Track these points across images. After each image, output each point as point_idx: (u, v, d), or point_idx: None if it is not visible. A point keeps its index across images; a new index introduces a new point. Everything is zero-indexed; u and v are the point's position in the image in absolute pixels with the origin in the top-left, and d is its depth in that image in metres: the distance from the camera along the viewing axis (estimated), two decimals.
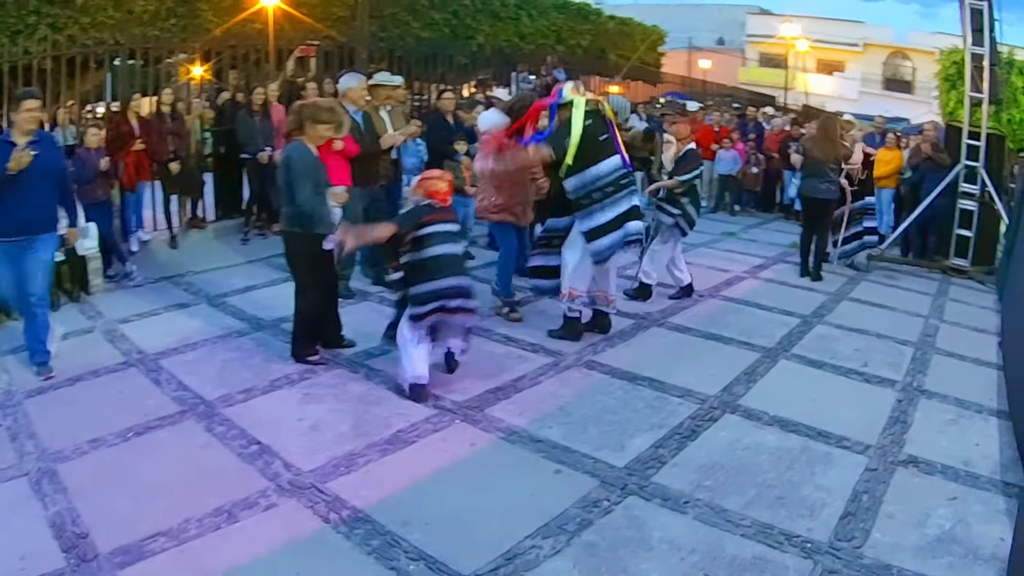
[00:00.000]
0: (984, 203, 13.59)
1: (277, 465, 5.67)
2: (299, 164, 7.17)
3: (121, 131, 11.23)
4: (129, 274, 10.31)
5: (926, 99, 23.43)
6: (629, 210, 8.00)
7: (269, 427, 6.26)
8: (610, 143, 8.05)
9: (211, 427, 6.27)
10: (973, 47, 13.35)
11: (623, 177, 8.04)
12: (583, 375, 7.63)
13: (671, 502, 5.41)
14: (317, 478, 5.51)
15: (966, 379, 8.22)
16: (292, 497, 5.27)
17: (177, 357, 7.75)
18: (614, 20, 26.49)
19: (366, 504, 5.20)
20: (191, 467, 5.62)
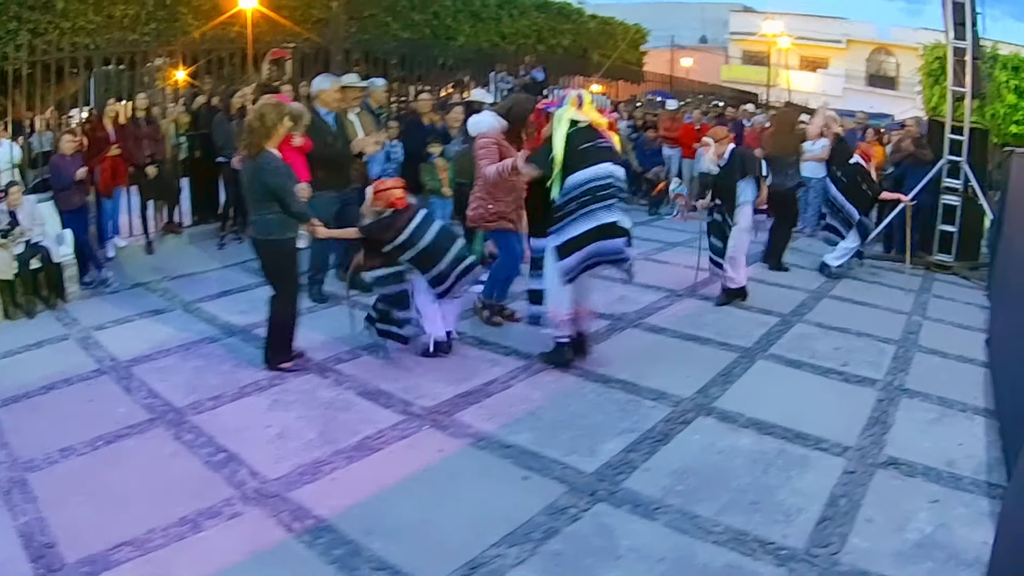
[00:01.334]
0: (968, 198, 13.51)
1: (243, 473, 5.60)
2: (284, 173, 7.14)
3: (96, 137, 11.14)
4: (105, 281, 10.24)
5: (910, 95, 23.54)
6: (604, 225, 7.21)
7: (237, 435, 6.19)
8: (593, 152, 7.43)
9: (179, 435, 6.20)
10: (955, 41, 13.32)
11: (602, 188, 7.24)
12: (555, 378, 7.48)
13: (641, 509, 5.27)
14: (282, 486, 5.43)
15: (950, 377, 8.08)
16: (257, 506, 5.20)
17: (149, 364, 7.68)
18: (596, 19, 26.52)
19: (330, 513, 5.12)
20: (158, 476, 5.56)
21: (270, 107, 7.22)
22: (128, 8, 14.02)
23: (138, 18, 14.30)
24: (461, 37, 20.62)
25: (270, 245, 7.23)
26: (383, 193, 7.41)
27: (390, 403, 6.80)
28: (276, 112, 7.16)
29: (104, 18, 13.76)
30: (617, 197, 7.28)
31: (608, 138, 7.53)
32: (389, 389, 7.06)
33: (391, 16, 19.16)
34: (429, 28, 19.99)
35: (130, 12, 14.09)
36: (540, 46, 23.04)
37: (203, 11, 15.32)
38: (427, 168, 11.00)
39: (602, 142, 7.44)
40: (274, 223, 7.12)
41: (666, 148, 18.02)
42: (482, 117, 8.69)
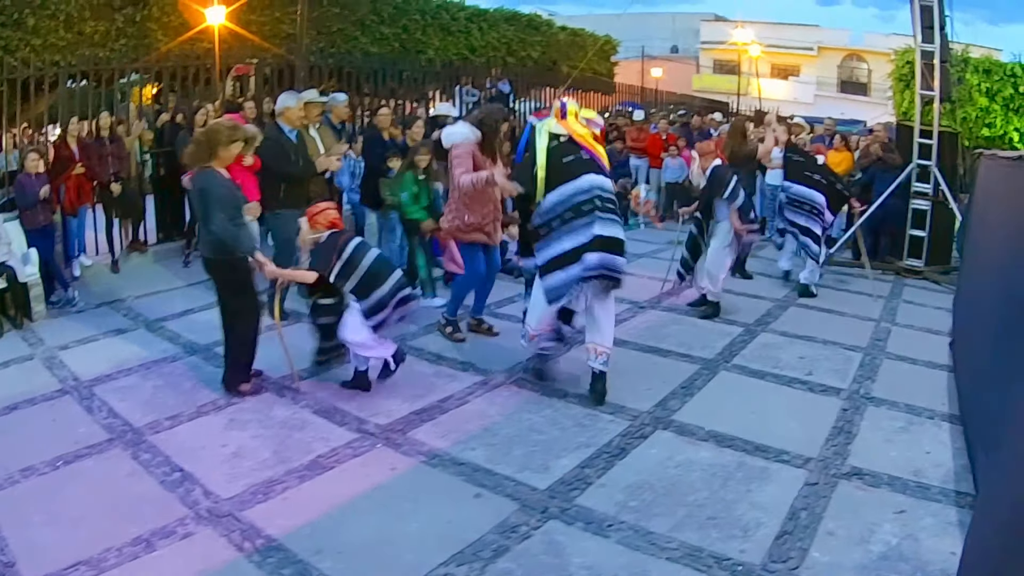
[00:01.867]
0: (938, 202, 13.48)
1: (197, 493, 5.53)
2: (217, 193, 6.92)
3: (61, 155, 11.11)
4: (71, 300, 10.16)
5: (882, 101, 23.54)
6: (592, 240, 6.83)
7: (193, 454, 6.11)
8: (577, 164, 7.09)
9: (137, 454, 6.12)
10: (923, 44, 13.37)
11: (586, 202, 6.90)
12: (512, 393, 7.38)
13: (594, 526, 5.14)
14: (235, 506, 5.35)
15: (918, 384, 8.00)
16: (209, 525, 5.13)
17: (110, 384, 7.61)
18: (565, 31, 26.46)
19: (280, 532, 5.03)
20: (115, 496, 5.49)
21: (223, 127, 7.12)
22: (98, 25, 14.03)
23: (108, 35, 14.31)
24: (430, 51, 20.52)
25: (219, 264, 7.08)
26: (320, 215, 7.25)
27: (345, 421, 6.70)
28: (228, 133, 7.03)
29: (75, 35, 13.75)
30: (605, 209, 6.97)
31: (591, 150, 7.25)
32: (344, 407, 6.96)
33: (360, 30, 19.08)
34: (398, 42, 19.89)
35: (100, 29, 14.11)
36: (510, 58, 22.98)
37: (172, 27, 15.29)
38: (387, 183, 10.89)
39: (584, 154, 7.17)
40: (219, 242, 6.95)
41: (633, 158, 18.02)
42: (456, 128, 8.51)
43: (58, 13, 13.44)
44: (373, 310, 7.06)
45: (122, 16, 14.60)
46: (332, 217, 7.28)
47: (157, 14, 15.12)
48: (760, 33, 45.62)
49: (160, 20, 15.23)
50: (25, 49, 12.94)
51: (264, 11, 16.97)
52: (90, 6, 13.92)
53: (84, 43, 13.73)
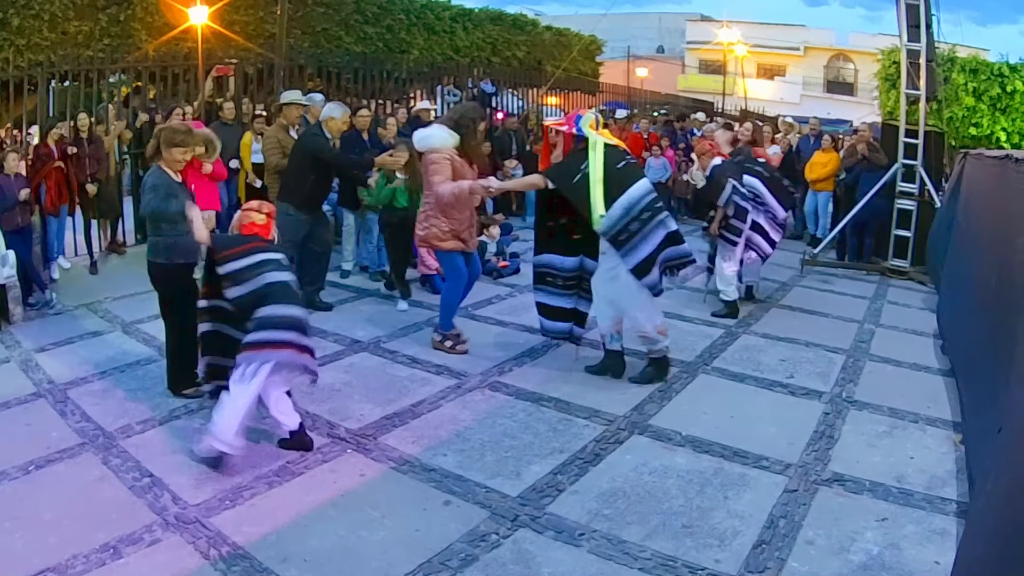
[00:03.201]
0: (923, 202, 13.41)
1: (166, 499, 5.43)
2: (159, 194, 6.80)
3: (41, 155, 11.00)
4: (49, 302, 10.07)
5: (868, 100, 23.54)
6: (668, 235, 7.27)
7: (163, 459, 6.01)
8: (630, 171, 7.35)
9: (108, 459, 6.02)
10: (909, 43, 13.32)
11: (655, 201, 7.31)
12: (486, 397, 7.24)
13: (565, 534, 5.01)
14: (202, 512, 5.25)
15: (901, 386, 7.88)
16: (176, 532, 5.03)
17: (85, 387, 7.51)
18: (551, 31, 26.39)
19: (247, 540, 4.93)
20: (85, 501, 5.40)
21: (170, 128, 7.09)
22: (82, 25, 14.07)
23: (92, 35, 14.32)
24: (415, 51, 20.41)
25: (155, 268, 7.02)
26: (244, 214, 6.46)
27: (315, 425, 6.55)
28: (169, 135, 6.97)
29: (59, 35, 13.79)
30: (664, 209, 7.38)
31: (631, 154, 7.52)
32: (316, 411, 6.83)
33: (344, 30, 18.99)
34: (382, 42, 19.79)
35: (84, 29, 14.15)
36: (495, 58, 22.89)
37: (156, 27, 15.26)
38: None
39: (631, 159, 7.47)
40: (160, 245, 6.88)
41: None
42: (431, 131, 8.20)
43: (42, 13, 13.47)
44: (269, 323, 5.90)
45: (106, 16, 14.60)
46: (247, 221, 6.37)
47: (141, 14, 15.09)
48: (746, 33, 45.61)
49: (144, 20, 15.19)
50: (9, 49, 12.93)
51: (247, 11, 16.89)
52: (74, 6, 13.94)
53: (68, 43, 13.70)
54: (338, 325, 9.22)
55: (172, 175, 6.94)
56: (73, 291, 10.77)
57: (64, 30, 13.78)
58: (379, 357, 8.21)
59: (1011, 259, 5.92)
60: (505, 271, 11.84)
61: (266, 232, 6.37)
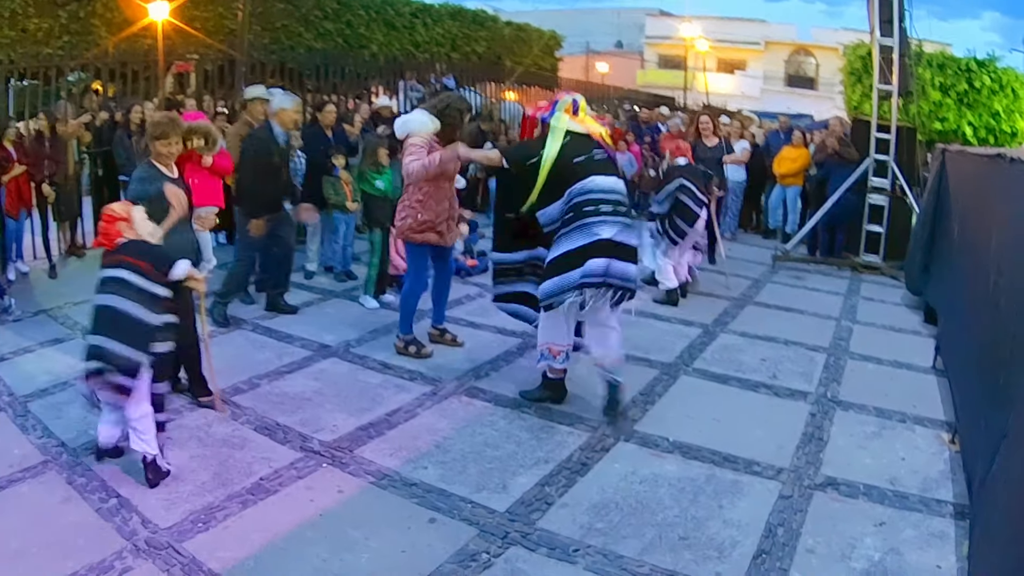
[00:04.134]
0: (895, 197, 13.39)
1: (135, 522, 5.10)
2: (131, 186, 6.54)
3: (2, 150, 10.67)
4: (7, 308, 9.63)
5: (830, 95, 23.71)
6: (595, 243, 6.40)
7: (129, 477, 5.66)
8: (589, 164, 6.64)
9: (72, 479, 5.67)
10: (882, 38, 13.33)
11: (591, 203, 6.50)
12: (463, 404, 7.01)
13: (559, 551, 4.79)
14: (174, 536, 4.94)
15: (885, 385, 7.80)
16: (148, 559, 4.70)
17: (46, 399, 7.12)
18: (510, 26, 26.43)
19: (222, 567, 4.62)
20: (50, 526, 5.07)
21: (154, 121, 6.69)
22: (42, 22, 13.99)
23: (52, 32, 14.12)
24: (374, 46, 20.34)
25: None
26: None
27: (287, 438, 6.27)
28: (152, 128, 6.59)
29: (18, 32, 13.77)
30: (617, 212, 6.56)
31: (608, 149, 6.88)
32: (287, 422, 6.54)
33: (304, 26, 18.97)
34: (342, 37, 19.78)
35: (44, 26, 14.08)
36: (454, 54, 22.89)
37: (116, 24, 15.24)
38: (330, 182, 10.59)
39: (599, 153, 6.74)
40: None
41: None
42: (412, 116, 7.87)
43: (2, 11, 13.41)
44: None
45: (66, 13, 14.59)
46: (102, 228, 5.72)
47: (101, 10, 15.09)
48: (706, 28, 45.72)
49: (104, 16, 15.22)
50: None
51: (208, 7, 16.86)
52: (34, 3, 13.99)
53: (28, 40, 13.71)
54: (305, 329, 8.92)
55: (162, 169, 6.55)
56: (32, 296, 10.40)
57: (24, 27, 13.78)
58: (349, 363, 7.95)
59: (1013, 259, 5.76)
60: (474, 270, 11.61)
61: (108, 240, 5.66)
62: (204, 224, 6.79)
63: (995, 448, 4.67)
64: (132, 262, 5.51)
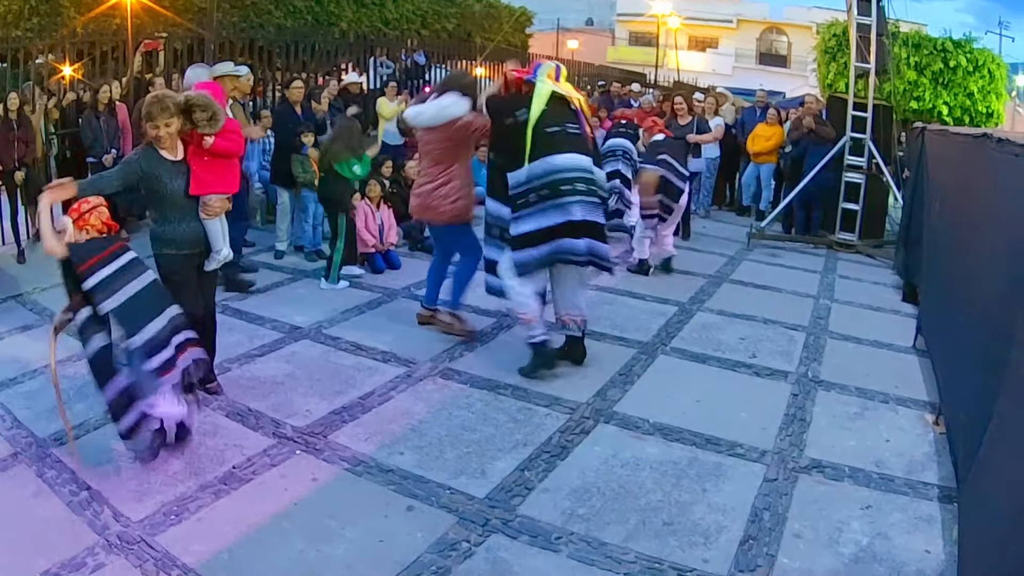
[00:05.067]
0: (871, 175, 13.34)
1: (106, 515, 4.97)
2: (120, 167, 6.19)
3: None
4: None
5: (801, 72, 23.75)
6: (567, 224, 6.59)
7: (99, 468, 5.54)
8: (562, 139, 6.67)
9: (42, 471, 5.54)
10: (859, 17, 13.35)
11: (565, 182, 6.58)
12: (439, 387, 6.87)
13: (541, 539, 4.67)
14: (146, 530, 4.81)
15: (866, 365, 7.71)
16: (120, 554, 4.58)
17: (15, 388, 6.99)
18: (480, 3, 26.25)
19: (196, 560, 4.51)
20: (21, 522, 4.96)
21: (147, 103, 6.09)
22: (11, 4, 13.84)
23: (21, 14, 13.86)
24: (344, 23, 20.09)
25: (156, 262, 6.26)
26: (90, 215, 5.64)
27: (259, 424, 6.12)
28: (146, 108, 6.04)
29: None
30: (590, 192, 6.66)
31: (583, 123, 6.85)
32: (258, 407, 6.39)
33: (273, 4, 18.79)
34: (311, 15, 19.56)
35: (13, 8, 13.84)
36: (424, 31, 22.67)
37: (85, 4, 15.05)
38: (299, 160, 10.46)
39: (572, 127, 6.76)
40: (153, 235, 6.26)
41: None
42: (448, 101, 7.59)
43: None
44: (153, 348, 5.36)
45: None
46: (105, 217, 5.72)
47: None
48: (678, 6, 45.71)
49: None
50: None
51: None
52: None
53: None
54: (275, 310, 8.79)
55: (162, 152, 6.11)
56: (1, 282, 10.27)
57: None
58: (321, 344, 7.80)
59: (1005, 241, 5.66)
60: None
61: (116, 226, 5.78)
62: (210, 212, 6.27)
63: (982, 430, 4.59)
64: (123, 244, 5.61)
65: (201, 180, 6.23)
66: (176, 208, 6.09)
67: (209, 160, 6.34)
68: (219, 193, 6.31)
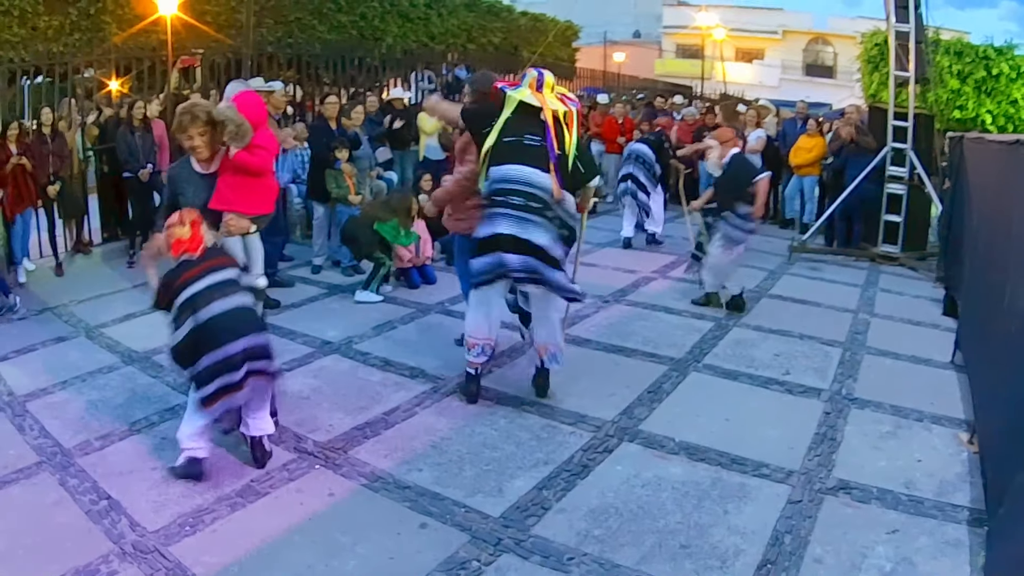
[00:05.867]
0: (913, 186, 13.16)
1: (123, 524, 5.03)
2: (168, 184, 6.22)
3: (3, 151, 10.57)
4: (12, 307, 9.64)
5: (848, 83, 23.48)
6: (496, 237, 6.20)
7: (121, 479, 5.59)
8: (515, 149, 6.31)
9: (64, 480, 5.62)
10: (897, 24, 13.14)
11: (500, 193, 6.26)
12: (463, 403, 6.81)
13: (552, 559, 4.60)
14: (161, 540, 4.84)
15: (903, 381, 7.54)
16: (133, 563, 4.63)
17: (45, 399, 7.08)
18: (526, 16, 26.30)
19: (207, 572, 4.54)
20: (39, 528, 5.04)
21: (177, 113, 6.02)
22: (52, 19, 13.92)
23: (62, 29, 14.15)
24: (389, 38, 20.18)
25: None
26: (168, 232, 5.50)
27: (282, 438, 6.12)
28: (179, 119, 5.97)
29: (28, 30, 13.56)
30: (528, 209, 6.19)
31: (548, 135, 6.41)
32: (283, 422, 6.34)
33: (317, 19, 18.78)
34: (356, 29, 19.59)
35: (54, 24, 14.00)
36: (470, 45, 22.75)
37: (127, 20, 15.15)
38: (332, 175, 10.51)
39: (531, 139, 6.36)
40: None
41: (595, 144, 17.40)
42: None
43: (12, 9, 13.31)
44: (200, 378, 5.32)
45: (76, 10, 14.46)
46: (172, 240, 5.48)
47: (111, 6, 14.95)
48: (724, 17, 45.53)
49: (114, 12, 15.03)
50: None
51: (218, 0, 16.57)
52: (44, 0, 13.64)
53: (38, 38, 13.50)
54: (308, 325, 8.83)
55: (195, 165, 6.11)
56: (38, 294, 10.40)
57: (34, 25, 13.57)
58: (350, 360, 7.81)
59: None
60: None
61: (195, 244, 5.47)
62: (231, 230, 6.10)
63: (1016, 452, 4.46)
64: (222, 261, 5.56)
65: (222, 196, 6.10)
66: None
67: (236, 179, 6.17)
68: (239, 212, 6.14)
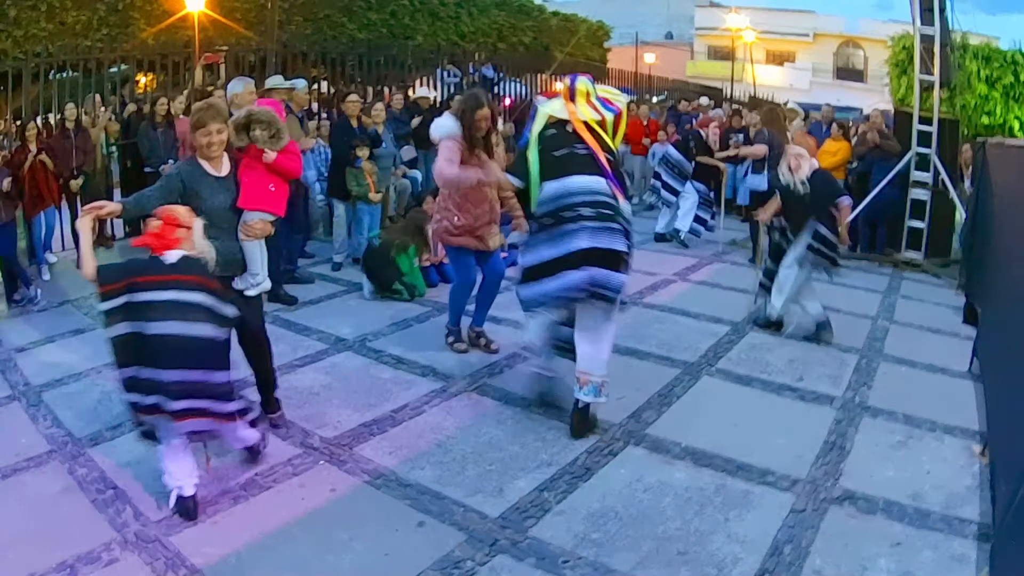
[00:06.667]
0: (938, 192, 13.09)
1: (127, 514, 5.13)
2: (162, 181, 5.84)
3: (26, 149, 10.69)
4: (33, 298, 9.82)
5: (878, 88, 23.32)
6: (574, 254, 5.84)
7: (128, 470, 5.69)
8: (568, 161, 6.08)
9: (73, 469, 5.75)
10: (923, 28, 13.04)
11: (569, 208, 5.92)
12: (472, 402, 6.81)
13: (547, 562, 4.59)
14: (163, 530, 4.94)
15: (917, 390, 7.45)
16: (135, 552, 4.74)
17: (60, 389, 7.25)
18: (557, 16, 26.39)
19: (205, 562, 4.61)
20: (46, 515, 5.17)
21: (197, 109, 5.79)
22: (80, 15, 14.21)
23: (90, 24, 14.35)
24: (419, 36, 20.30)
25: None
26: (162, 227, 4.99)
27: (289, 434, 6.17)
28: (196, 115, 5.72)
29: (56, 25, 13.90)
30: (601, 217, 5.92)
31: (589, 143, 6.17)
32: (291, 417, 6.42)
33: (347, 16, 18.92)
34: (386, 28, 19.72)
35: (82, 19, 14.31)
36: (501, 44, 22.82)
37: (155, 16, 15.37)
38: (353, 173, 10.55)
39: (580, 148, 6.16)
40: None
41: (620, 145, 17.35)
42: (442, 120, 7.52)
43: (40, 4, 13.64)
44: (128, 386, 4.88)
45: (104, 5, 14.74)
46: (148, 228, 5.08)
47: (139, 2, 15.18)
48: (754, 19, 45.32)
49: (142, 8, 15.35)
50: (7, 41, 13.05)
51: None
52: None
53: (66, 33, 13.76)
54: (324, 322, 8.88)
55: (205, 165, 5.73)
56: (59, 287, 10.55)
57: (62, 20, 13.87)
58: (363, 357, 7.84)
59: None
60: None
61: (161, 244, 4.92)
62: (251, 232, 5.93)
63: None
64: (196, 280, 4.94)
65: (250, 194, 5.87)
66: (213, 226, 5.51)
67: (262, 177, 6.01)
68: (265, 211, 5.96)
